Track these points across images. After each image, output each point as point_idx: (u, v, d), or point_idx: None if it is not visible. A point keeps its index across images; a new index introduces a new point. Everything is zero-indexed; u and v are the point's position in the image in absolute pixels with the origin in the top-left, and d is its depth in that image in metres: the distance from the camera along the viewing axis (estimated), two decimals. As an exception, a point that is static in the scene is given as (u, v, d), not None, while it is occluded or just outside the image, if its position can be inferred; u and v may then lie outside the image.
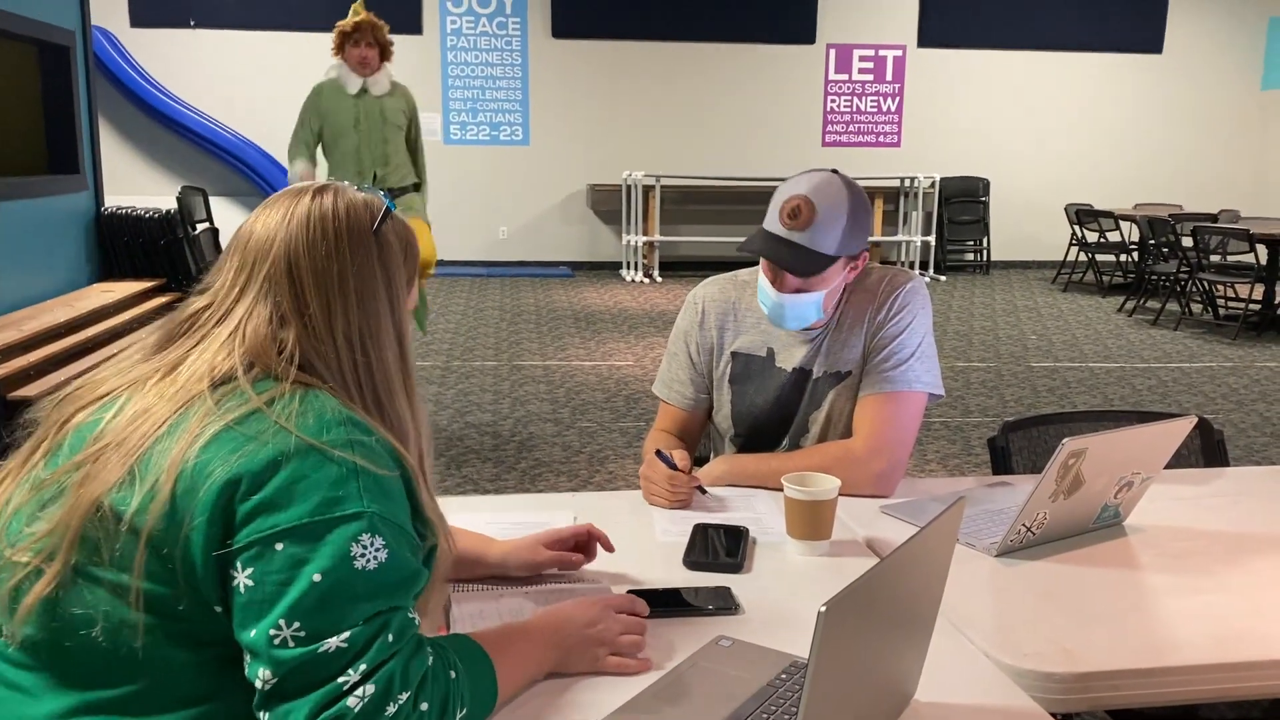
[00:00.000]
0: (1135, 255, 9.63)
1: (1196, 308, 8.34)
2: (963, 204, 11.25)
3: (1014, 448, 2.03)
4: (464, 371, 6.12)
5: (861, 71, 11.19)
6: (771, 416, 1.94)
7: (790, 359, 1.93)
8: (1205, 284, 8.10)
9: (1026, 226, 11.46)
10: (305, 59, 10.34)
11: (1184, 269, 7.97)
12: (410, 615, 1.01)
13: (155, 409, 1.03)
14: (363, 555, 0.97)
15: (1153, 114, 11.52)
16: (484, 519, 1.68)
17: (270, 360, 1.06)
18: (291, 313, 1.08)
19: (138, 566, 0.97)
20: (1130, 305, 8.70)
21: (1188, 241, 7.90)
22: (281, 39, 10.32)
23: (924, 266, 10.80)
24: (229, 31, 10.26)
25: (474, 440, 4.75)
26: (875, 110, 11.28)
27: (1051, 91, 11.36)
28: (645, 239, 10.40)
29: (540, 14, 10.64)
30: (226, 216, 9.80)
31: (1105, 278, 9.83)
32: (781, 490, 1.56)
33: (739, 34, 10.87)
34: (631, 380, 5.95)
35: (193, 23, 10.19)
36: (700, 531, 1.60)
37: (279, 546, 0.95)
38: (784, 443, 1.96)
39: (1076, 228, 9.93)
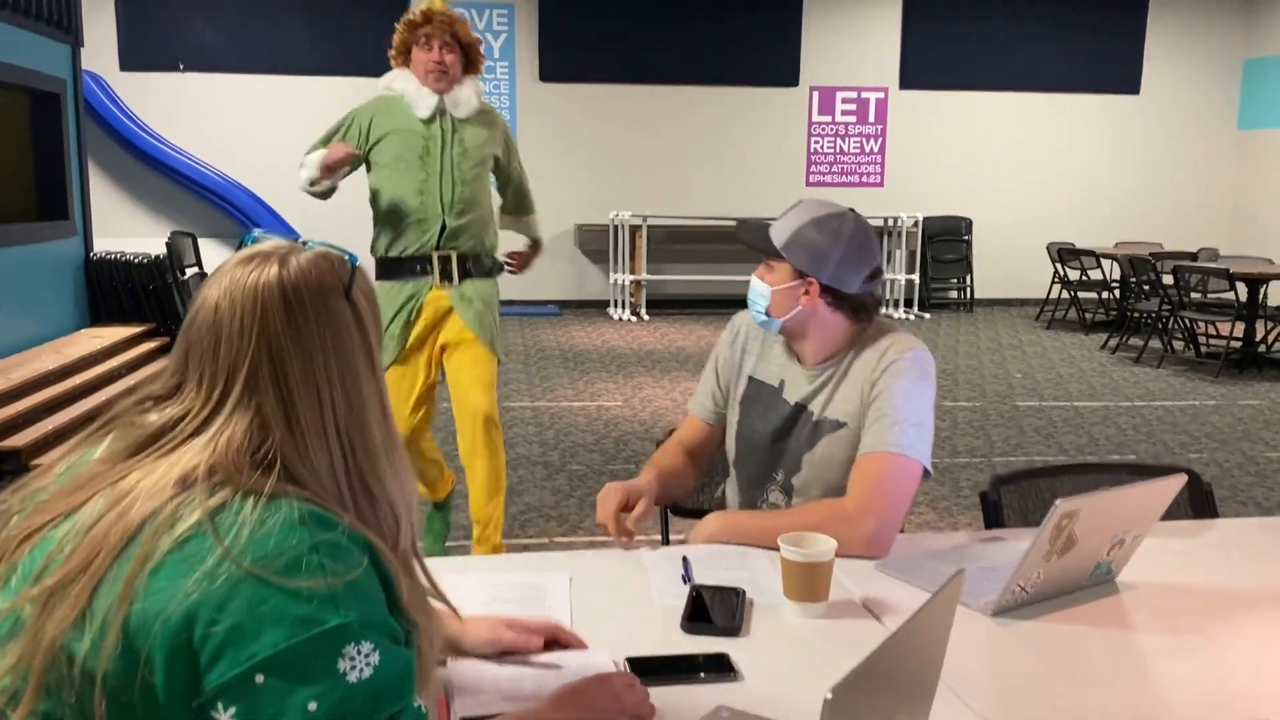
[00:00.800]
0: (1117, 293, 9.74)
1: (1178, 345, 8.43)
2: (946, 243, 11.35)
3: (1005, 500, 2.05)
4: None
5: (844, 113, 11.32)
6: (769, 446, 1.99)
7: (796, 393, 1.98)
8: (1187, 322, 8.19)
9: (1009, 264, 11.57)
10: (294, 102, 10.42)
11: (1166, 307, 8.06)
12: (417, 705, 0.96)
13: (111, 531, 0.92)
14: (354, 668, 0.89)
15: (1132, 154, 11.68)
16: (478, 581, 1.69)
17: (241, 473, 0.95)
18: (276, 417, 0.97)
19: (99, 717, 0.87)
20: (1113, 343, 8.78)
21: (1168, 279, 7.99)
22: (270, 82, 10.39)
23: (908, 304, 10.89)
24: (217, 75, 10.32)
25: (462, 485, 4.73)
26: (858, 151, 11.41)
27: (1032, 132, 11.52)
28: (632, 278, 10.45)
29: (528, 59, 10.75)
30: (215, 259, 9.81)
31: (1088, 315, 9.92)
32: (775, 549, 1.58)
33: (724, 77, 11.00)
34: (621, 422, 5.96)
35: (181, 66, 10.25)
36: (697, 593, 1.61)
37: (260, 679, 0.86)
38: (777, 475, 1.99)
39: (1059, 266, 10.04)
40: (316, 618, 0.88)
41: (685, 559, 1.78)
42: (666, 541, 2.33)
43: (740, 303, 2.08)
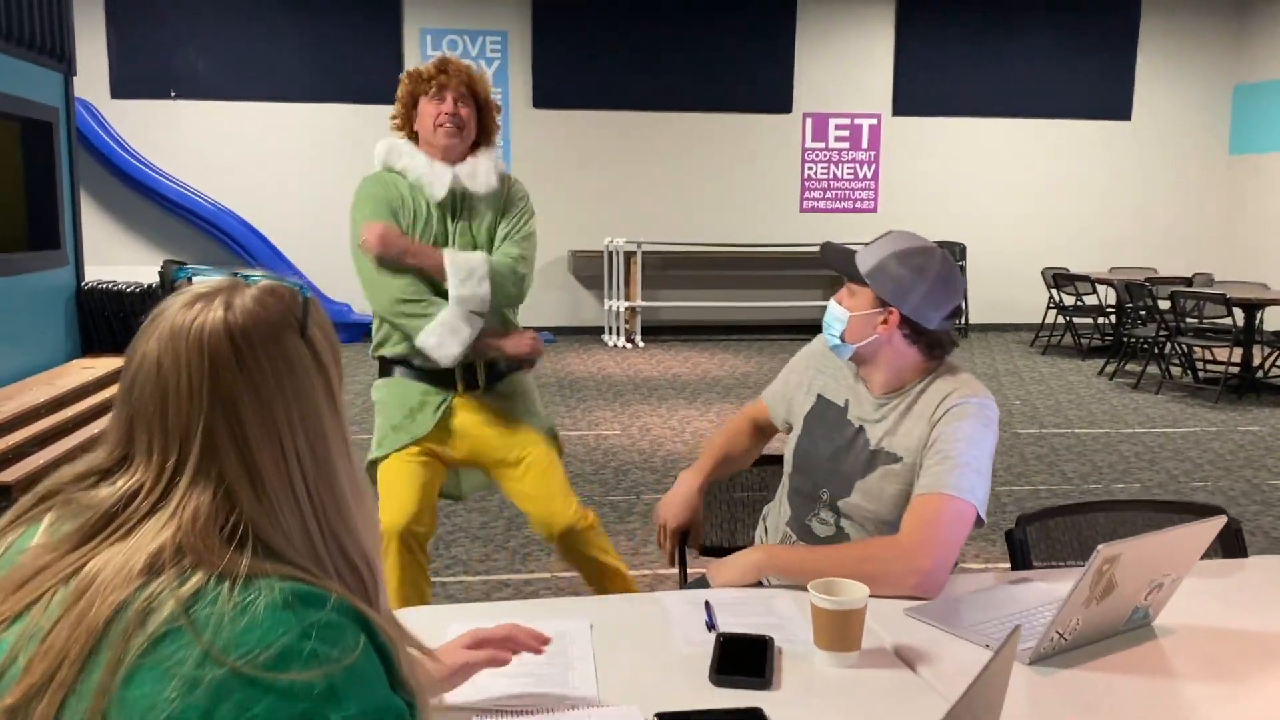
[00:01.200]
0: (1113, 318, 9.74)
1: (1176, 371, 8.41)
2: (940, 268, 11.34)
3: (1030, 539, 2.00)
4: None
5: (838, 139, 11.35)
6: (824, 465, 1.99)
7: (858, 417, 1.98)
8: (1184, 347, 8.18)
9: (1003, 290, 11.57)
10: (287, 129, 10.39)
11: (1163, 333, 8.05)
12: None
13: (74, 634, 0.80)
14: None
15: (1125, 179, 11.73)
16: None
17: (213, 551, 0.84)
18: (240, 482, 0.87)
19: None
20: (1110, 368, 8.76)
21: (1165, 304, 7.99)
22: (263, 109, 10.37)
23: (904, 330, 10.85)
24: (210, 102, 10.29)
25: (461, 517, 4.67)
26: (852, 177, 11.42)
27: (1025, 157, 11.55)
28: (627, 304, 10.42)
29: (521, 85, 10.75)
30: (206, 286, 9.75)
31: (1083, 340, 9.91)
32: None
33: (717, 103, 11.02)
34: (619, 451, 5.90)
35: (173, 94, 10.22)
36: (724, 643, 1.55)
37: None
38: (823, 494, 1.98)
39: (1054, 291, 10.04)
40: (316, 715, 0.79)
41: (708, 604, 1.72)
42: (684, 581, 2.28)
43: (737, 329, 2.09)
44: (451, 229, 2.70)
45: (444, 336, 2.64)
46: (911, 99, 11.32)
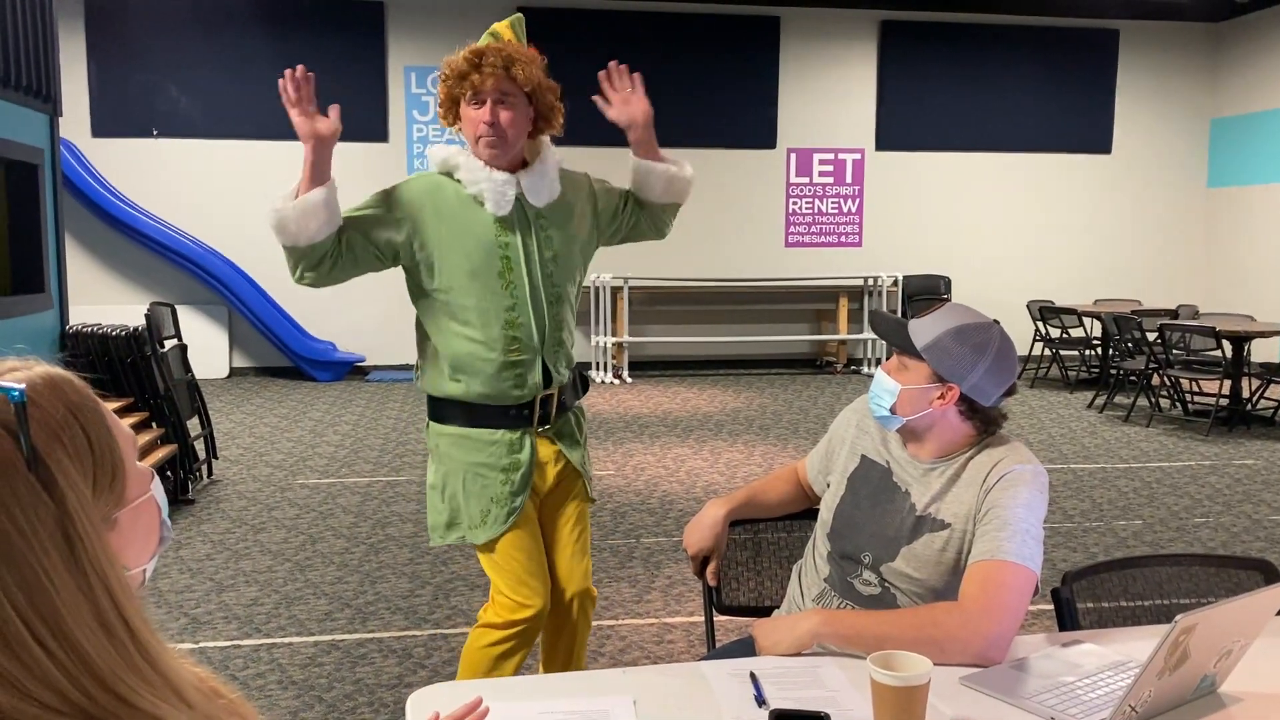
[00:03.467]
0: (1099, 350, 9.76)
1: (1165, 403, 8.42)
2: (925, 301, 11.36)
3: (1076, 595, 1.94)
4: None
5: (822, 174, 11.39)
6: (867, 527, 1.95)
7: (904, 481, 1.95)
8: (1172, 380, 8.20)
9: (989, 322, 11.60)
10: (272, 167, 10.32)
11: (1152, 365, 8.07)
12: None
13: None
14: None
15: (1106, 212, 11.82)
16: (531, 709, 1.55)
17: None
18: None
19: None
20: (1100, 401, 8.77)
21: (1152, 336, 8.01)
22: (247, 148, 10.29)
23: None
24: (192, 141, 10.21)
25: (459, 565, 4.57)
26: (836, 211, 11.45)
27: (1007, 191, 11.63)
28: (614, 340, 10.37)
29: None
30: (194, 329, 9.63)
31: (1071, 373, 9.93)
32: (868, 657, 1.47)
33: (702, 139, 11.03)
34: (615, 492, 5.81)
35: (155, 132, 10.14)
36: (779, 719, 1.47)
37: None
38: (865, 557, 1.93)
39: (1039, 324, 10.06)
40: None
41: (754, 676, 1.65)
42: (712, 646, 2.20)
43: (725, 363, 2.05)
44: (511, 240, 2.38)
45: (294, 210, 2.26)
46: (894, 134, 11.38)
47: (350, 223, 2.36)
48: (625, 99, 2.58)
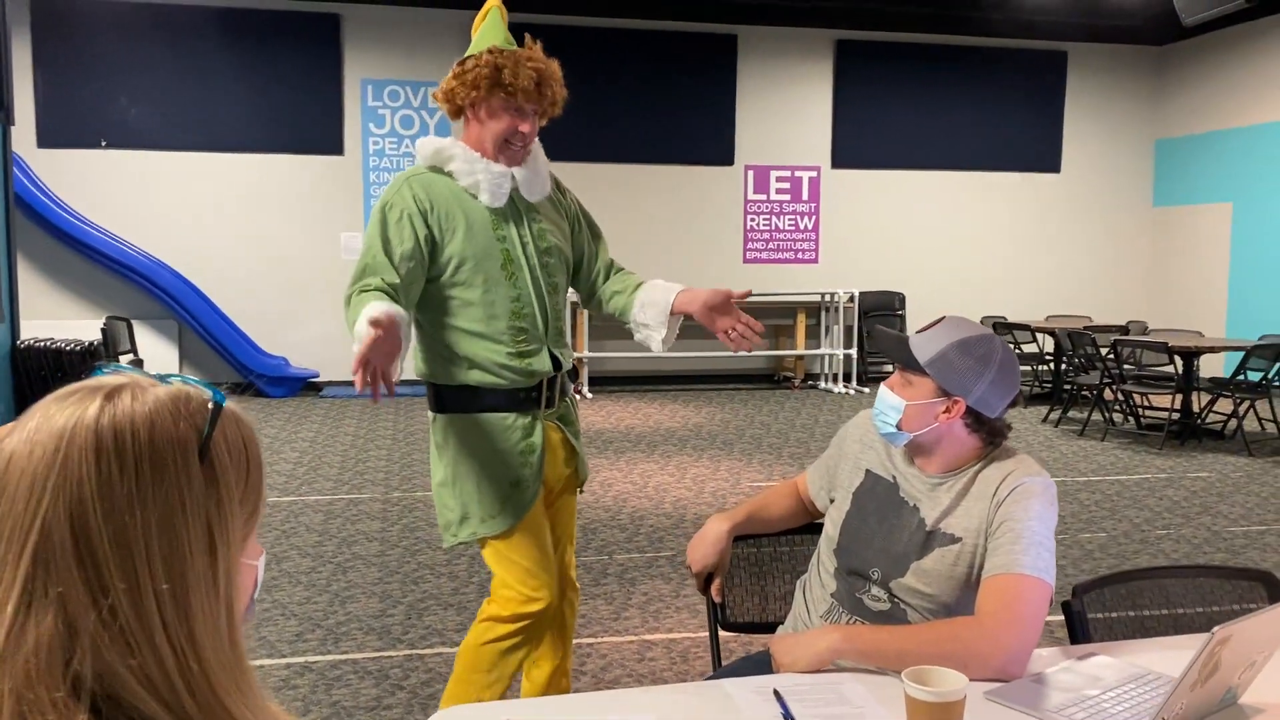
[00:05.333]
0: (1052, 365, 9.93)
1: (1118, 417, 8.58)
2: (881, 317, 11.49)
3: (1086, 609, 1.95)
4: (407, 504, 5.86)
5: (779, 191, 11.47)
6: (875, 543, 1.94)
7: (912, 495, 1.94)
8: (1126, 394, 8.35)
9: (943, 338, 11.73)
10: (223, 180, 10.14)
11: (1106, 379, 8.21)
12: None
13: None
14: None
15: (1056, 230, 12.04)
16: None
17: (56, 707, 0.69)
18: (84, 611, 0.71)
19: None
20: (1055, 416, 8.90)
21: (1105, 351, 8.16)
22: (199, 159, 10.11)
23: (846, 379, 10.94)
24: (143, 152, 10.01)
25: (430, 584, 4.50)
26: (793, 228, 11.54)
27: (960, 209, 11.80)
28: (574, 355, 10.30)
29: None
30: (143, 344, 9.40)
31: (1024, 388, 10.08)
32: (896, 673, 1.46)
33: (660, 156, 11.07)
34: (584, 508, 5.77)
35: (104, 143, 9.92)
36: (813, 737, 1.45)
37: None
38: (874, 573, 1.92)
39: (994, 340, 10.19)
40: None
41: (778, 693, 1.63)
42: (718, 663, 2.18)
43: (684, 379, 2.04)
44: (508, 232, 2.40)
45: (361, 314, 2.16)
46: (850, 152, 11.51)
47: (401, 266, 2.32)
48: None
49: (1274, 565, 4.88)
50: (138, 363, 5.93)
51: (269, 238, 10.27)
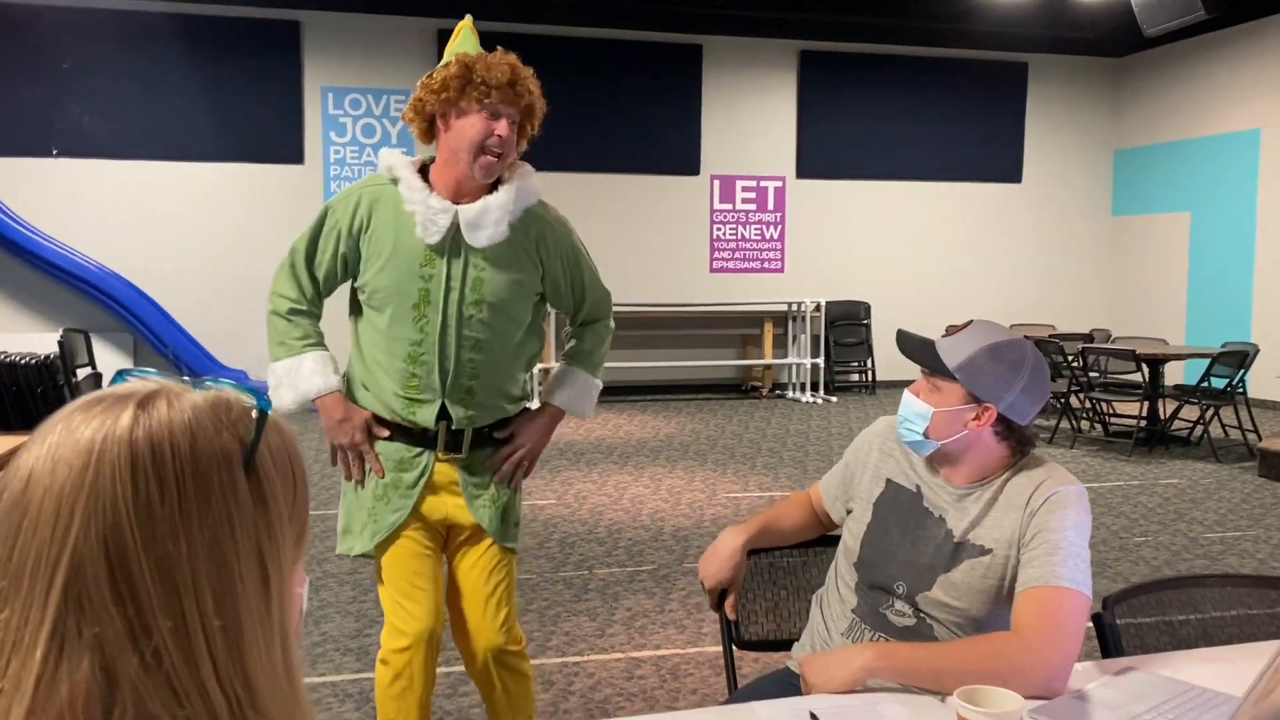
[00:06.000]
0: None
1: (1085, 425, 8.63)
2: (847, 326, 11.50)
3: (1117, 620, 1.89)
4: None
5: (745, 201, 11.45)
6: (899, 556, 1.87)
7: (937, 506, 1.86)
8: (1094, 402, 8.40)
9: (908, 347, 11.75)
10: (178, 190, 9.92)
11: (1074, 387, 8.26)
12: None
13: None
14: None
15: (1018, 239, 12.15)
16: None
17: None
18: (125, 654, 0.62)
19: None
20: (1022, 424, 8.93)
21: (1072, 359, 8.21)
22: (153, 169, 9.88)
23: (814, 388, 10.93)
24: (96, 161, 9.75)
25: (330, 591, 4.36)
26: (759, 238, 11.52)
27: (924, 219, 11.86)
28: (541, 367, 10.19)
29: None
30: (109, 360, 9.14)
31: (990, 396, 10.11)
32: (933, 692, 1.40)
33: (627, 165, 11.01)
34: (560, 522, 5.66)
35: (55, 151, 9.66)
36: (861, 763, 1.37)
37: None
38: (899, 587, 1.85)
39: (960, 348, 10.22)
40: None
41: (815, 716, 1.54)
42: (733, 684, 2.09)
43: (652, 389, 1.94)
44: (436, 271, 2.18)
45: (288, 380, 2.25)
46: (814, 162, 11.52)
47: (315, 271, 2.31)
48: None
49: (1254, 571, 4.89)
50: (95, 378, 5.74)
51: (228, 248, 10.05)
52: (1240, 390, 7.97)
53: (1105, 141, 12.28)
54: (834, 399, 10.74)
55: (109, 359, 9.59)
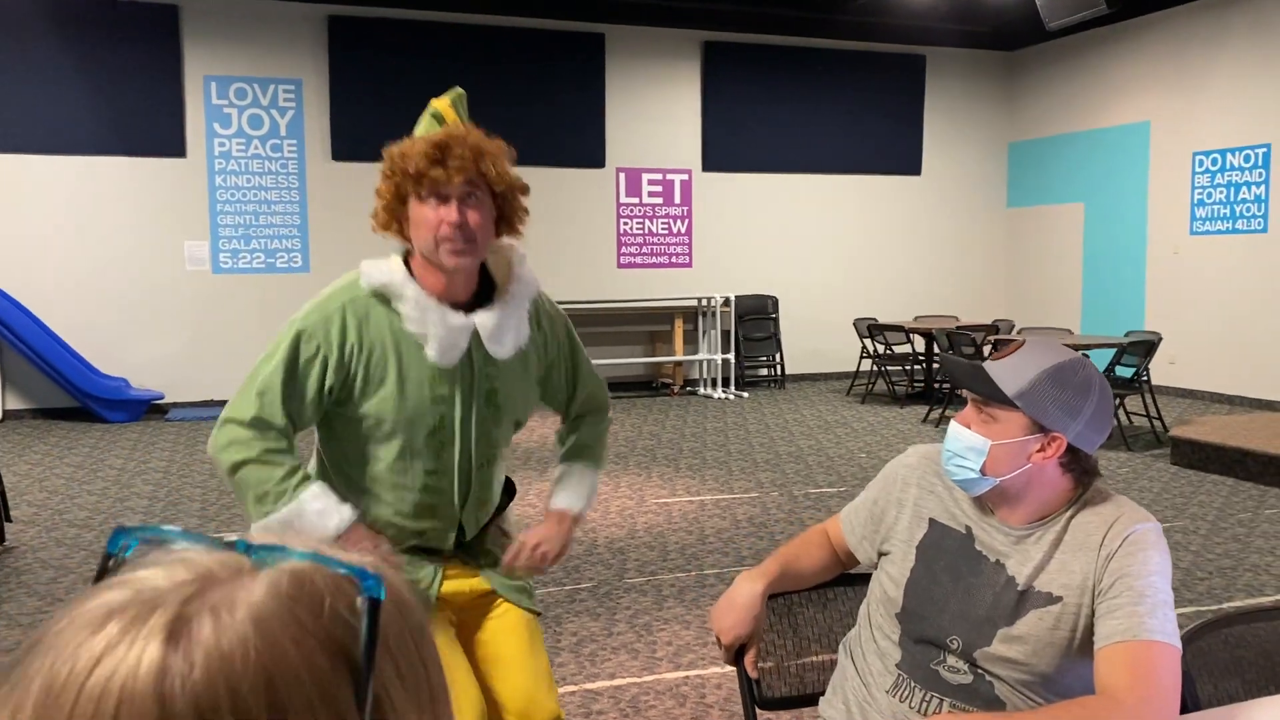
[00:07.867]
0: (924, 365, 10.04)
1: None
2: (755, 321, 11.42)
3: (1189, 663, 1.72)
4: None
5: (651, 194, 11.25)
6: (951, 606, 1.67)
7: (993, 550, 1.66)
8: (1005, 393, 8.46)
9: (815, 341, 11.77)
10: (49, 185, 9.19)
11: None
12: None
13: None
14: None
15: (919, 231, 12.26)
16: None
17: None
18: None
19: None
20: (935, 415, 8.97)
21: (987, 350, 8.25)
22: (22, 163, 9.13)
23: (725, 383, 10.81)
24: (-48, 154, 8.96)
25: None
26: (666, 232, 11.34)
27: (828, 211, 11.86)
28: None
29: (319, 137, 10.01)
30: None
31: (898, 388, 10.16)
32: None
33: (529, 157, 10.58)
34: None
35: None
36: None
37: None
38: (953, 642, 1.65)
39: (867, 341, 10.25)
40: None
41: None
42: (751, 712, 1.86)
43: None
44: (450, 392, 1.91)
45: (293, 530, 1.81)
46: (719, 155, 11.39)
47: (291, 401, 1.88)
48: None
49: (1190, 564, 4.91)
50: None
51: (104, 247, 9.37)
52: (1145, 378, 8.13)
53: (1000, 134, 12.49)
54: (745, 394, 10.64)
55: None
